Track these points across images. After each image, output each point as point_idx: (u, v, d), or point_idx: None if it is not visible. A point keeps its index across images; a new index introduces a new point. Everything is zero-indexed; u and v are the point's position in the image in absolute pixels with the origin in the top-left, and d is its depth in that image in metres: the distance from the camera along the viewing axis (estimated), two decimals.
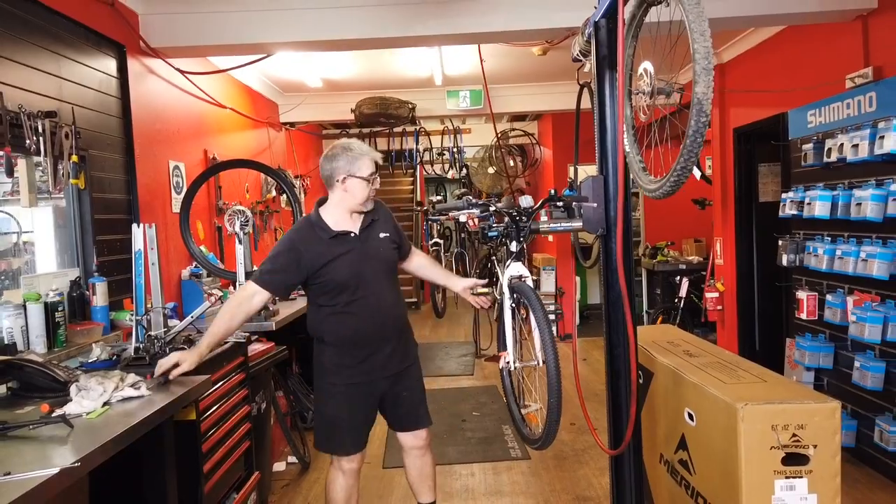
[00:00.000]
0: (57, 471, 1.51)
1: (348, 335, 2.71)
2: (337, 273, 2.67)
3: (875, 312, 3.52)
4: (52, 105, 2.94)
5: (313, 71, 6.01)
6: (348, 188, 2.67)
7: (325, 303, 2.72)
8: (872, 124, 3.52)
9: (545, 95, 6.72)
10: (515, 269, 2.51)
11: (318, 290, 2.72)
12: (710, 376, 2.51)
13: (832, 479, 2.15)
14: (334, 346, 2.73)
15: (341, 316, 2.69)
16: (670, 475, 2.79)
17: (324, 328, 2.74)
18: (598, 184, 2.83)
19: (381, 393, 2.81)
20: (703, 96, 1.82)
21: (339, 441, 2.77)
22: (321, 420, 2.81)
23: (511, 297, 2.52)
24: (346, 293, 2.68)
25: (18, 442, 1.79)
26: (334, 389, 2.74)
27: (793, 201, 4.33)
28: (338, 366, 2.73)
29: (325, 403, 2.78)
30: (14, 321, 2.56)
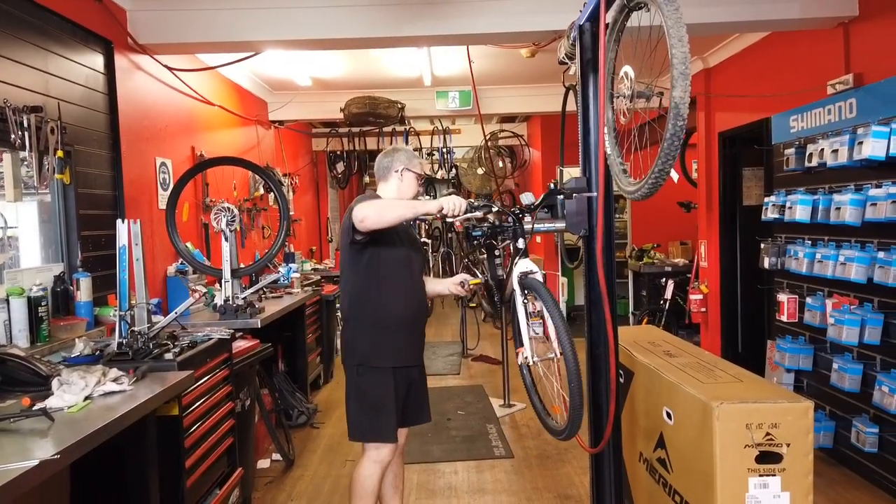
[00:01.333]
0: (36, 463, 1.52)
1: (403, 315, 2.80)
2: (398, 250, 2.81)
3: (853, 315, 3.57)
4: (38, 100, 2.95)
5: (303, 69, 6.02)
6: (404, 179, 2.88)
7: (381, 277, 2.75)
8: (852, 130, 3.58)
9: (533, 97, 6.76)
10: (524, 266, 2.55)
11: (380, 261, 2.76)
12: (688, 376, 2.55)
13: (805, 477, 2.19)
14: (385, 328, 2.76)
15: (397, 295, 2.79)
16: (649, 474, 2.83)
17: (376, 307, 2.76)
18: (581, 185, 2.87)
19: (410, 381, 2.88)
20: (680, 100, 1.85)
21: (384, 426, 2.76)
22: (363, 406, 2.78)
23: (522, 293, 2.55)
24: (402, 273, 2.81)
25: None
26: (380, 375, 2.76)
27: (775, 205, 4.39)
28: (386, 348, 2.76)
29: (368, 388, 2.76)
30: None
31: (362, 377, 2.80)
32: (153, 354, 2.58)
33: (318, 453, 4.49)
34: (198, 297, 2.82)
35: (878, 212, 3.35)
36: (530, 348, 2.55)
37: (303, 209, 8.66)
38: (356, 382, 2.83)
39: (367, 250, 2.75)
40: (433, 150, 9.39)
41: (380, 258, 2.77)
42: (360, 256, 2.77)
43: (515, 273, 2.59)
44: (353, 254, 2.78)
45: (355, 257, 2.78)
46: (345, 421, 2.87)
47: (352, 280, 2.82)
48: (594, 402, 2.95)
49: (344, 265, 2.86)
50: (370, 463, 2.84)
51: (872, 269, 3.46)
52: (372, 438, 2.82)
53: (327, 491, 3.85)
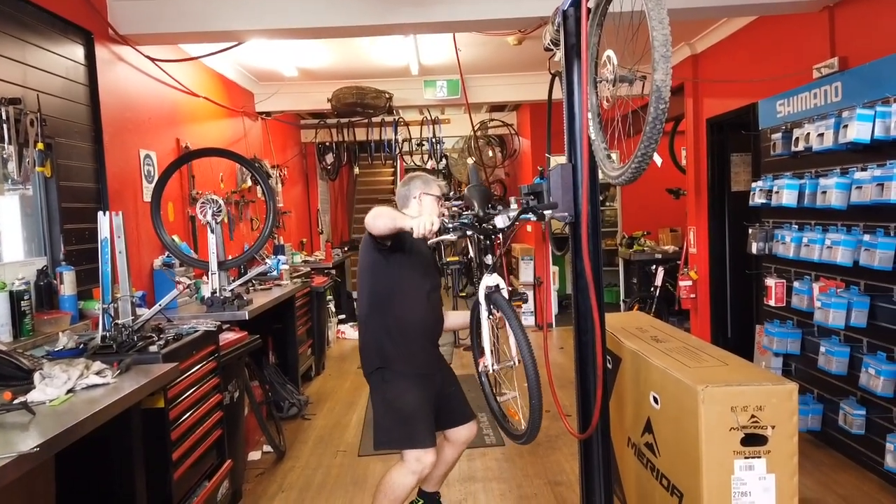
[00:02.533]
0: (16, 455, 1.51)
1: (422, 321, 2.83)
2: (419, 260, 2.86)
3: (839, 298, 3.59)
4: (17, 92, 2.90)
5: (289, 59, 5.97)
6: (423, 203, 2.93)
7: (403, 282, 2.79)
8: (837, 114, 3.58)
9: (521, 85, 6.73)
10: (491, 280, 2.61)
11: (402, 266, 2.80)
12: (675, 360, 2.55)
13: (790, 458, 2.20)
14: (404, 333, 2.78)
15: (417, 302, 2.81)
16: (637, 458, 2.84)
17: (396, 311, 2.78)
18: (567, 172, 2.86)
19: (437, 388, 2.89)
20: (661, 83, 1.84)
21: (419, 433, 2.75)
22: (396, 416, 2.76)
23: (487, 307, 2.61)
24: (422, 281, 2.85)
25: None
26: (407, 381, 2.77)
27: (762, 190, 4.40)
28: (405, 353, 2.78)
29: (398, 397, 2.76)
30: None
31: (388, 384, 2.79)
32: (137, 347, 2.56)
33: (310, 444, 4.49)
34: (182, 288, 2.80)
35: (863, 195, 3.36)
36: (491, 357, 2.65)
37: (292, 201, 8.62)
38: (382, 391, 2.82)
39: (393, 256, 2.77)
40: (423, 141, 9.36)
41: (401, 264, 2.80)
42: (382, 260, 2.79)
43: (482, 286, 2.65)
44: (375, 257, 2.80)
45: (377, 260, 2.80)
46: (336, 412, 2.88)
47: (371, 283, 2.83)
48: (582, 388, 2.96)
49: (364, 267, 2.87)
50: (408, 472, 2.79)
51: (858, 252, 3.47)
52: (408, 445, 2.78)
53: (318, 482, 3.85)
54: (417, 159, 9.82)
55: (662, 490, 2.54)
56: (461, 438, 3.03)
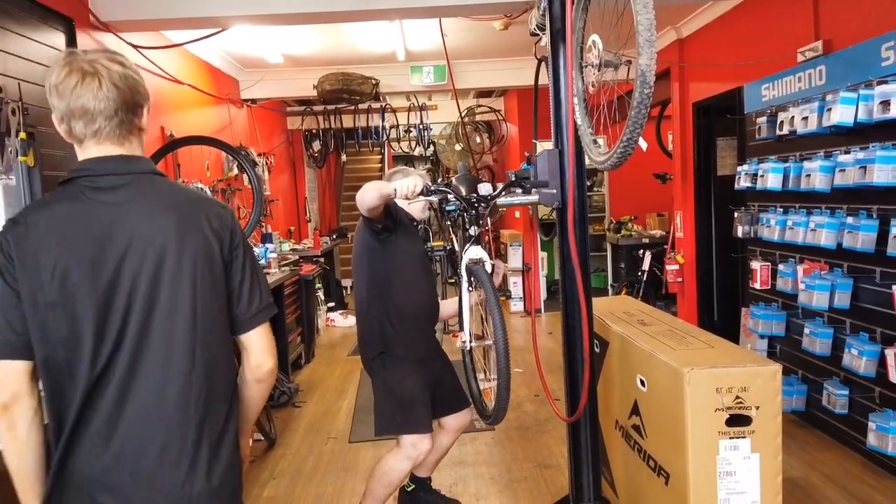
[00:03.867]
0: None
1: (420, 305, 2.85)
2: (414, 245, 2.88)
3: (823, 280, 3.63)
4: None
5: (274, 46, 5.92)
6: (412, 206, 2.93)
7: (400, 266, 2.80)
8: (821, 97, 3.61)
9: (508, 71, 6.72)
10: (474, 253, 2.59)
11: (399, 251, 2.80)
12: (661, 343, 2.58)
13: (774, 438, 2.24)
14: (403, 317, 2.79)
15: (414, 286, 2.83)
16: (625, 440, 2.87)
17: (395, 295, 2.79)
18: (554, 157, 2.87)
19: (434, 374, 2.91)
20: (646, 68, 1.85)
21: (417, 418, 2.77)
22: (395, 400, 2.77)
23: (468, 279, 2.61)
24: (418, 266, 2.86)
25: None
26: (407, 367, 2.79)
27: (747, 174, 4.43)
28: (407, 340, 2.80)
29: (398, 382, 2.77)
30: None
31: (389, 370, 2.81)
32: None
33: (300, 432, 4.51)
34: None
35: (846, 178, 3.39)
36: (469, 333, 2.64)
37: (280, 189, 8.57)
38: (383, 377, 2.83)
39: (389, 239, 2.78)
40: (410, 127, 9.33)
41: (397, 248, 2.81)
42: (379, 245, 2.79)
43: (465, 259, 2.64)
44: (371, 242, 2.80)
45: (373, 245, 2.80)
46: (327, 400, 2.89)
47: (368, 268, 2.84)
48: (570, 371, 2.98)
49: (359, 258, 2.87)
50: (403, 458, 2.81)
51: (842, 234, 3.51)
52: (406, 430, 2.79)
53: (309, 469, 3.87)
54: (405, 146, 9.80)
55: (649, 471, 2.58)
56: (456, 426, 3.06)
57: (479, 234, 2.62)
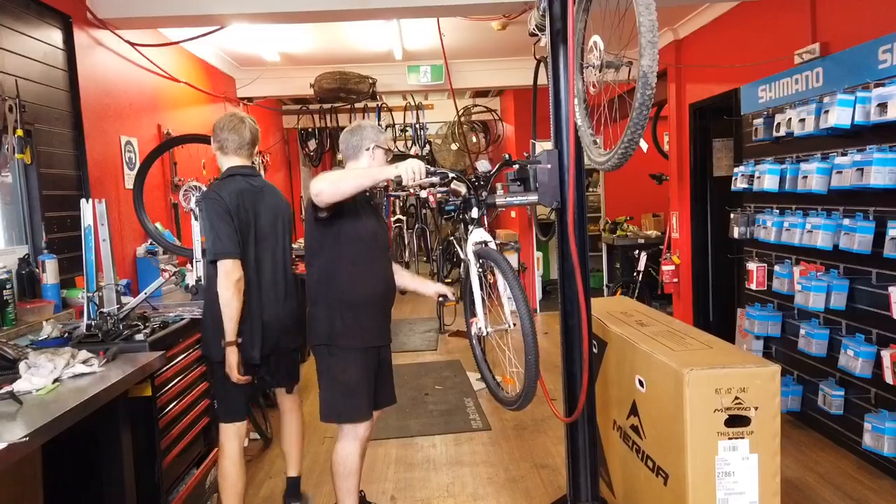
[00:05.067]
0: (4, 445, 1.49)
1: (372, 293, 2.78)
2: (364, 226, 2.77)
3: (819, 282, 3.65)
4: None
5: (270, 44, 5.90)
6: (375, 157, 2.84)
7: (349, 254, 2.72)
8: (818, 99, 3.62)
9: (505, 71, 6.71)
10: (479, 236, 2.53)
11: (347, 238, 2.72)
12: (660, 344, 2.59)
13: (772, 439, 2.25)
14: (353, 307, 2.72)
15: (365, 273, 2.76)
16: (623, 441, 2.88)
17: (344, 285, 2.72)
18: (553, 157, 2.87)
19: (379, 361, 2.87)
20: (648, 69, 1.85)
21: (358, 408, 2.78)
22: (337, 389, 2.76)
23: (477, 263, 2.53)
24: (369, 250, 2.78)
25: None
26: (352, 355, 2.74)
27: (744, 175, 4.44)
28: (355, 328, 2.73)
29: (342, 371, 2.75)
30: None
31: (334, 357, 2.78)
32: (123, 335, 2.55)
33: None
34: (168, 276, 2.77)
35: (843, 179, 3.40)
36: (484, 318, 2.54)
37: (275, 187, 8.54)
38: (328, 363, 2.80)
39: (333, 227, 2.70)
40: (406, 127, 9.32)
41: (345, 236, 2.73)
42: (326, 234, 2.72)
43: (470, 242, 2.56)
44: (319, 231, 2.74)
45: (321, 235, 2.74)
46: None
47: (318, 258, 2.78)
48: (568, 371, 2.99)
49: (310, 244, 2.81)
50: (349, 442, 2.83)
51: (838, 235, 3.53)
52: (347, 419, 2.80)
53: (305, 468, 3.85)
54: (401, 145, 9.78)
55: (648, 471, 2.59)
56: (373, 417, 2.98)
57: (481, 216, 2.58)
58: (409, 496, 3.46)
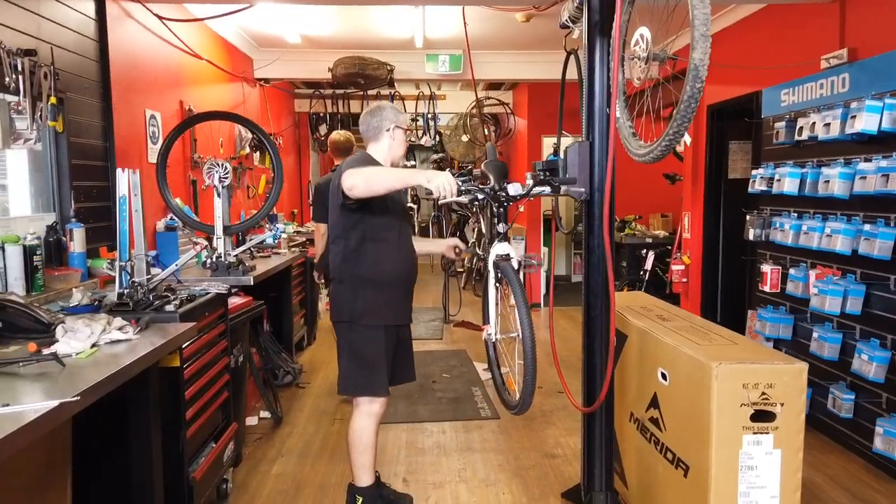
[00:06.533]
0: (56, 404, 1.51)
1: (396, 273, 2.83)
2: (389, 208, 2.82)
3: (836, 286, 3.67)
4: (31, 43, 2.85)
5: (293, 26, 5.89)
6: (395, 137, 2.88)
7: (374, 235, 2.77)
8: (844, 104, 3.64)
9: (525, 64, 6.70)
10: (502, 249, 2.64)
11: (373, 220, 2.76)
12: (684, 338, 2.61)
13: (796, 435, 2.28)
14: (377, 286, 2.78)
15: (389, 253, 2.81)
16: (640, 433, 2.90)
17: (369, 265, 2.77)
18: (584, 150, 2.89)
19: (399, 339, 2.93)
20: (699, 62, 1.87)
21: (377, 382, 2.83)
22: (356, 362, 2.81)
23: (495, 275, 2.66)
24: (394, 231, 2.83)
25: (8, 378, 1.78)
26: (373, 333, 2.80)
27: (763, 177, 4.46)
28: (377, 307, 2.79)
29: (363, 346, 2.80)
30: None
31: (355, 333, 2.83)
32: (154, 305, 2.56)
33: (306, 412, 4.52)
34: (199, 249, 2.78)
35: (867, 185, 3.42)
36: (495, 326, 2.71)
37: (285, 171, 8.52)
38: (349, 339, 2.85)
39: (360, 210, 2.75)
40: (417, 116, 9.32)
41: (371, 218, 2.78)
42: (352, 215, 2.77)
43: (492, 255, 2.69)
44: (345, 213, 2.78)
45: (347, 217, 2.78)
46: (331, 381, 2.91)
47: (343, 238, 2.82)
48: (588, 362, 3.02)
49: (336, 225, 2.84)
50: (364, 416, 2.89)
51: (857, 241, 3.55)
52: (365, 393, 2.87)
53: (317, 448, 3.89)
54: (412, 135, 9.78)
55: (667, 463, 2.61)
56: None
57: (506, 231, 2.67)
58: (420, 479, 3.48)
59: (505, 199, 2.61)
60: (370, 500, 2.94)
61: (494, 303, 2.65)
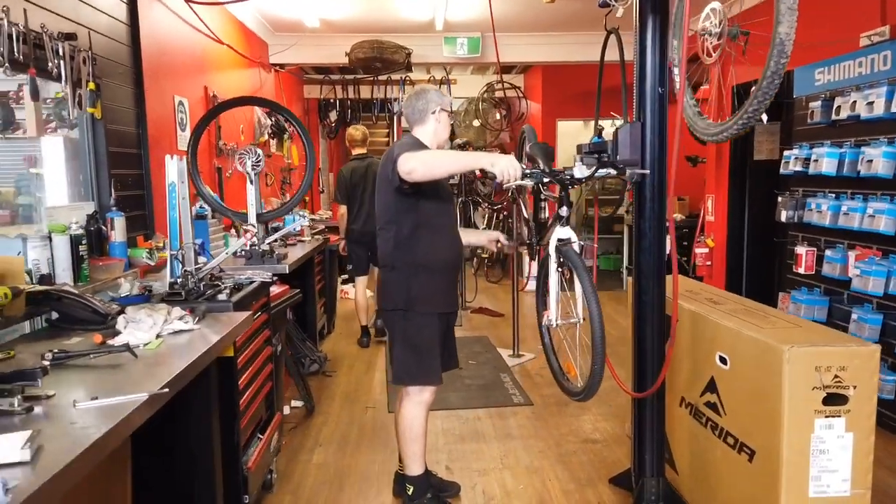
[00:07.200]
0: (146, 396, 1.47)
1: (448, 259, 2.81)
2: (440, 194, 2.79)
3: (879, 266, 3.63)
4: (69, 27, 2.77)
5: (312, 9, 5.79)
6: (441, 120, 2.83)
7: (427, 221, 2.73)
8: (889, 82, 3.58)
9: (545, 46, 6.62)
10: (563, 234, 2.60)
11: (425, 205, 2.73)
12: (744, 321, 2.57)
13: (868, 418, 2.24)
14: (431, 273, 2.75)
15: (442, 239, 2.78)
16: (693, 417, 2.87)
17: (423, 251, 2.73)
18: (636, 130, 2.83)
19: (448, 326, 2.90)
20: (785, 36, 1.82)
21: (433, 370, 2.81)
22: (412, 351, 2.78)
23: (557, 259, 2.60)
24: (445, 217, 2.80)
25: (83, 370, 1.74)
26: (427, 320, 2.77)
27: (797, 158, 4.41)
28: (431, 294, 2.76)
29: (417, 334, 2.77)
30: (40, 253, 2.46)
31: (409, 321, 2.79)
32: (206, 295, 2.51)
33: (337, 401, 4.49)
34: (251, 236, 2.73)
35: None
36: (556, 311, 2.66)
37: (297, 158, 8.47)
38: (402, 327, 2.81)
39: (413, 196, 2.70)
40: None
41: (424, 203, 2.74)
42: (405, 201, 2.72)
43: (553, 239, 2.64)
44: (397, 199, 2.72)
45: (398, 202, 2.73)
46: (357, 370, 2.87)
47: (394, 224, 2.77)
48: (639, 347, 2.98)
49: (387, 211, 2.79)
50: (414, 405, 2.86)
51: None
52: (419, 382, 2.84)
53: (354, 437, 3.86)
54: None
55: (727, 448, 2.58)
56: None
57: (568, 215, 2.61)
58: (464, 467, 3.45)
59: (570, 182, 2.55)
60: (421, 489, 2.92)
61: (557, 289, 2.61)
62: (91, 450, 1.19)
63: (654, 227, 2.88)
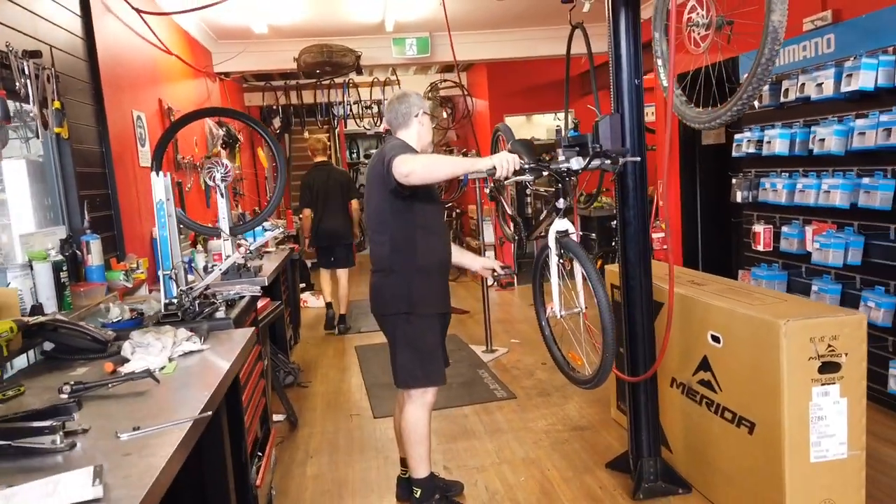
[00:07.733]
0: (191, 421, 1.42)
1: (443, 261, 2.83)
2: (432, 196, 2.81)
3: (837, 238, 3.83)
4: (32, 44, 2.63)
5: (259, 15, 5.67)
6: (424, 123, 2.85)
7: (422, 223, 2.74)
8: (836, 63, 3.78)
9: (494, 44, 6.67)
10: (562, 225, 2.65)
11: (420, 208, 2.73)
12: (733, 300, 2.67)
13: (859, 383, 2.37)
14: (429, 274, 2.75)
15: (436, 241, 2.80)
16: (687, 396, 2.97)
17: (419, 253, 2.73)
18: (616, 121, 2.91)
19: (445, 325, 2.92)
20: (778, 24, 1.90)
21: (437, 372, 2.82)
22: (416, 355, 2.77)
23: (557, 251, 2.64)
24: (437, 219, 2.82)
25: (106, 401, 1.67)
26: (429, 321, 2.77)
27: (749, 140, 4.60)
28: (431, 295, 2.77)
29: (420, 337, 2.76)
30: (22, 282, 2.33)
31: (411, 325, 2.77)
32: (204, 314, 2.44)
33: (318, 411, 4.43)
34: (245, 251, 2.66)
35: (866, 140, 3.57)
36: (559, 303, 2.71)
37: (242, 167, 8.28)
38: (404, 331, 2.79)
39: (408, 198, 2.70)
40: (373, 103, 9.18)
41: (418, 205, 2.74)
42: (399, 204, 2.71)
43: (552, 230, 2.68)
44: (390, 202, 2.71)
45: (392, 205, 2.72)
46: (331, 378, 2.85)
47: (389, 228, 2.75)
48: (630, 332, 3.06)
49: (380, 213, 2.77)
50: (418, 408, 2.85)
51: (856, 194, 3.71)
52: (424, 384, 2.83)
53: (344, 445, 3.82)
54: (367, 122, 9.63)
55: (725, 423, 2.68)
56: None
57: (567, 206, 2.66)
58: (461, 465, 3.47)
59: (567, 174, 2.59)
60: (429, 491, 2.91)
61: (558, 280, 2.64)
62: (161, 478, 1.15)
63: (638, 215, 2.97)
